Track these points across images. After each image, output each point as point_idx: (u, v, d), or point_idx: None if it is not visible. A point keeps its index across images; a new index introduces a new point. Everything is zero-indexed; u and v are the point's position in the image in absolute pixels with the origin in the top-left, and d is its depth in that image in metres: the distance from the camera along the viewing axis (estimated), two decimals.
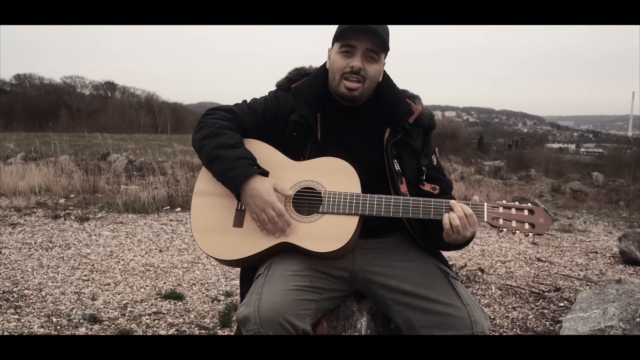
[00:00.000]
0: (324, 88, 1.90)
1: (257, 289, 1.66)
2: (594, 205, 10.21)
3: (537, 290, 3.97)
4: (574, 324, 2.61)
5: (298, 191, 1.78)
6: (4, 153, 10.67)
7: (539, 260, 5.05)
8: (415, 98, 1.94)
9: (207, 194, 1.81)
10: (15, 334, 2.79)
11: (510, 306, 3.63)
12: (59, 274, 3.85)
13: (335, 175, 1.77)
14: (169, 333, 2.96)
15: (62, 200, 6.67)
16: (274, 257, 1.78)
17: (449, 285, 1.76)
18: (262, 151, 1.83)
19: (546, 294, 3.92)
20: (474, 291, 3.92)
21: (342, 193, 1.75)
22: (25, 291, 3.47)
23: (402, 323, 1.74)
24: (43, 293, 3.45)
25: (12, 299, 3.31)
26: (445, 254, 2.01)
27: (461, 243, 1.73)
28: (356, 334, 1.78)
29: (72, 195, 7.03)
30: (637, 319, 2.42)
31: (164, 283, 3.80)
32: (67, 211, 6.00)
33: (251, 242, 1.74)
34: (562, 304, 3.67)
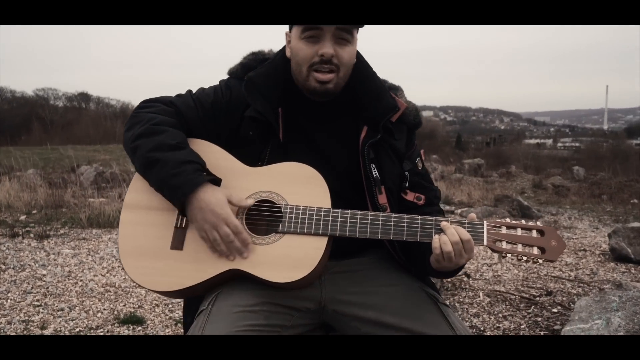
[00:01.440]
0: (285, 77, 1.55)
1: (197, 330, 1.34)
2: (577, 200, 10.10)
3: (527, 296, 3.74)
4: None
5: (253, 205, 1.45)
6: None
7: (526, 260, 4.84)
8: (397, 90, 1.61)
9: (140, 207, 1.47)
10: None
11: (500, 315, 3.38)
12: (8, 300, 3.49)
13: (299, 184, 1.44)
14: None
15: (22, 217, 6.24)
16: (222, 287, 1.45)
17: (439, 315, 1.44)
18: (210, 154, 1.49)
19: (537, 299, 3.68)
20: (461, 299, 3.67)
21: (307, 208, 1.42)
22: None
23: None
24: None
25: None
26: None
27: (451, 271, 1.42)
28: None
29: (34, 212, 6.61)
30: None
31: (124, 305, 3.46)
32: (27, 229, 5.58)
33: (192, 268, 1.40)
34: (555, 310, 3.43)
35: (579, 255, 5.11)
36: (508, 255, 1.38)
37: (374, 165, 1.50)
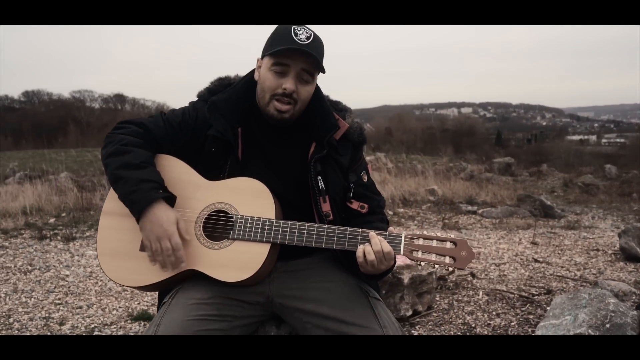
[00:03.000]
0: (247, 100, 1.75)
1: (157, 319, 1.56)
2: (605, 198, 9.90)
3: (526, 295, 3.80)
4: (545, 331, 2.46)
5: (210, 214, 1.66)
6: (4, 173, 10.74)
7: (535, 261, 4.86)
8: (346, 111, 1.82)
9: (116, 214, 1.68)
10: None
11: (494, 313, 3.46)
12: (32, 299, 3.78)
13: (249, 197, 1.65)
14: None
15: (52, 220, 6.63)
16: (183, 283, 1.66)
17: (367, 307, 1.63)
18: (176, 169, 1.70)
19: (536, 297, 3.74)
20: (460, 297, 3.76)
21: (254, 218, 1.62)
22: None
23: None
24: (10, 320, 3.37)
25: None
26: None
27: (377, 275, 1.60)
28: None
29: (63, 214, 7.00)
30: (607, 325, 2.25)
31: (138, 303, 3.71)
32: (55, 231, 5.95)
33: (157, 268, 1.61)
34: (549, 308, 3.48)
35: (590, 255, 5.09)
36: (423, 263, 1.55)
37: (320, 177, 1.68)
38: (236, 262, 1.59)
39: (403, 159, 13.51)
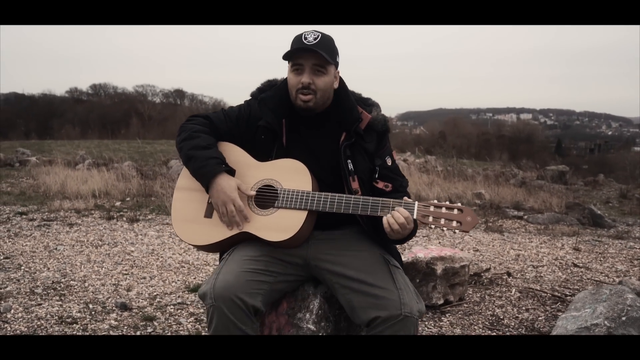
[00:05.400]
0: (289, 97, 2.10)
1: (217, 270, 1.93)
2: None
3: (559, 294, 3.92)
4: (565, 323, 2.64)
5: (260, 188, 2.02)
6: (74, 160, 11.73)
7: (575, 265, 4.92)
8: (373, 106, 2.14)
9: (186, 188, 2.08)
10: (55, 318, 3.18)
11: (524, 308, 3.63)
12: (103, 268, 4.26)
13: (290, 174, 2.00)
14: (188, 321, 3.25)
15: (117, 203, 7.22)
16: (239, 244, 2.02)
17: (387, 272, 1.94)
18: (233, 152, 2.09)
19: (568, 297, 3.86)
20: (492, 292, 3.94)
21: (294, 190, 1.97)
22: (71, 282, 3.88)
23: (346, 304, 1.94)
24: (86, 284, 3.85)
25: (59, 288, 3.73)
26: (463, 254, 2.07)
27: (401, 239, 1.91)
28: (308, 315, 2.04)
29: (127, 199, 7.60)
30: (623, 318, 2.42)
31: (194, 278, 4.11)
32: (121, 213, 6.51)
33: (217, 230, 2.00)
34: (572, 302, 3.61)
35: (633, 264, 5.10)
36: (433, 226, 1.84)
37: (349, 161, 2.02)
38: (280, 225, 1.95)
39: (453, 163, 13.54)
